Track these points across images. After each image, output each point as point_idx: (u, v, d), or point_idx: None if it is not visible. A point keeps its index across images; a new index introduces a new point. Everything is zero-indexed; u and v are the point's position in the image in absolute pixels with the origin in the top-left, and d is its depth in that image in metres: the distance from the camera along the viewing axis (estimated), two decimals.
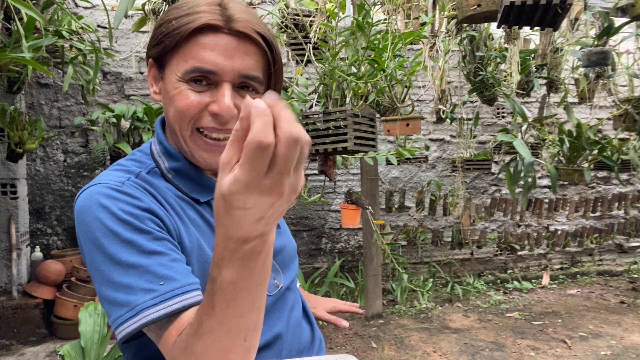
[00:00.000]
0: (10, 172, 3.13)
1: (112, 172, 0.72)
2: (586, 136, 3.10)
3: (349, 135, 1.60)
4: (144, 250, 0.62)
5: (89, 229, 0.64)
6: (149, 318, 0.59)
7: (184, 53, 0.69)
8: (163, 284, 0.61)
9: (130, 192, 0.67)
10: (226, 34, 0.68)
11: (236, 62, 0.68)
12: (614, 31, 2.74)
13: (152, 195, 0.70)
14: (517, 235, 4.38)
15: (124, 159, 0.77)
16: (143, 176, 0.72)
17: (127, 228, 0.63)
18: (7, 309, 3.00)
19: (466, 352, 2.84)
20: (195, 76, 0.68)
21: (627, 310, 3.59)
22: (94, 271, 0.64)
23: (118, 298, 0.61)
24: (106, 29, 3.39)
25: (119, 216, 0.64)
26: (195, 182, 0.76)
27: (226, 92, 0.68)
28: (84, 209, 0.66)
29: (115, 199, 0.65)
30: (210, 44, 0.68)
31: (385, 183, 4.27)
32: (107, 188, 0.66)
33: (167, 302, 0.60)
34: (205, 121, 0.69)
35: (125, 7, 1.81)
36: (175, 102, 0.69)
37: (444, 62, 2.78)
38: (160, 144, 0.77)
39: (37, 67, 1.75)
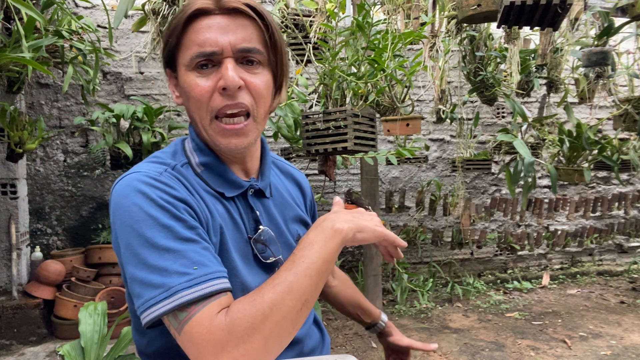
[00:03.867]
0: (10, 172, 3.13)
1: (149, 164, 0.76)
2: (586, 136, 3.10)
3: (349, 135, 1.60)
4: (180, 236, 0.66)
5: (127, 213, 0.67)
6: (184, 299, 0.62)
7: (186, 44, 0.74)
8: (197, 268, 0.64)
9: (167, 182, 0.71)
10: (218, 14, 0.73)
11: (231, 36, 0.72)
12: (614, 31, 2.74)
13: (186, 187, 0.74)
14: (517, 235, 4.38)
15: (160, 152, 0.82)
16: (178, 169, 0.77)
17: (165, 214, 0.67)
18: (7, 309, 3.00)
19: (466, 352, 2.84)
20: (200, 61, 0.73)
21: (627, 310, 3.59)
22: (128, 254, 0.67)
23: (153, 280, 0.63)
24: (106, 29, 3.39)
25: (158, 202, 0.67)
26: (222, 178, 0.80)
27: (229, 66, 0.72)
28: (123, 195, 0.69)
29: (154, 187, 0.69)
30: (205, 27, 0.72)
31: (385, 183, 4.27)
32: (146, 177, 0.70)
33: (201, 285, 0.63)
34: (217, 101, 0.73)
35: (125, 7, 1.81)
36: (190, 93, 0.74)
37: (444, 62, 2.78)
38: (192, 141, 0.81)
39: (37, 67, 1.75)
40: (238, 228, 0.79)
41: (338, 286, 1.13)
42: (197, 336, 0.61)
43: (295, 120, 2.03)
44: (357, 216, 0.74)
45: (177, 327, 0.64)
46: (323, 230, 0.70)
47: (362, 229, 0.72)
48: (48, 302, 3.11)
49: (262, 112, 0.77)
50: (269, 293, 0.63)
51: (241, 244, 0.79)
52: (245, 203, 0.82)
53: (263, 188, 0.84)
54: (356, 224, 0.72)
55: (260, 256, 0.80)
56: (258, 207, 0.83)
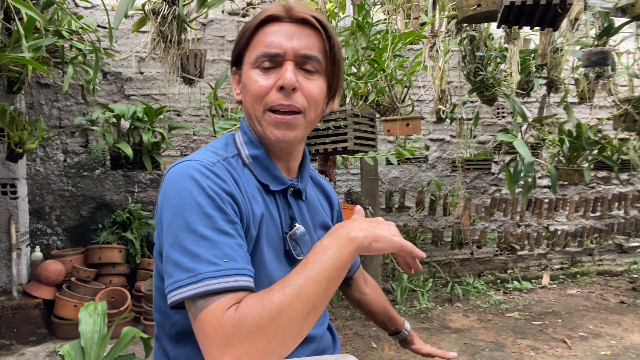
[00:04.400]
0: (10, 172, 3.13)
1: (206, 152, 0.81)
2: (586, 136, 3.10)
3: (349, 135, 1.60)
4: (219, 228, 0.69)
5: (176, 195, 0.72)
6: (208, 288, 0.65)
7: (255, 43, 0.81)
8: (227, 261, 0.67)
9: (219, 173, 0.75)
10: (287, 22, 0.80)
11: (295, 42, 0.79)
12: (614, 31, 2.74)
13: (235, 181, 0.78)
14: (517, 235, 4.38)
15: (215, 142, 0.87)
16: (229, 161, 0.81)
17: (210, 203, 0.71)
18: (7, 309, 3.00)
19: (466, 352, 2.84)
20: (264, 61, 0.79)
21: (627, 310, 3.59)
22: (169, 234, 0.70)
23: (185, 263, 0.67)
24: (106, 29, 3.39)
25: (206, 191, 0.71)
26: (268, 172, 0.84)
27: (289, 68, 0.78)
28: (176, 178, 0.74)
29: (206, 176, 0.73)
30: (274, 31, 0.80)
31: (385, 183, 4.27)
32: (201, 165, 0.75)
33: (227, 277, 0.66)
34: (273, 98, 0.78)
35: (125, 7, 1.81)
36: (249, 88, 0.80)
37: (444, 62, 2.78)
38: (245, 134, 0.87)
39: (37, 67, 1.75)
40: (274, 222, 0.83)
41: (370, 294, 1.17)
42: (207, 326, 0.63)
43: None
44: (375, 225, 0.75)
45: (194, 312, 0.66)
46: (338, 237, 0.71)
47: (379, 239, 0.73)
48: (48, 302, 3.11)
49: (312, 115, 0.82)
50: (278, 294, 0.64)
51: (275, 238, 0.82)
52: (284, 200, 0.86)
53: (302, 189, 0.89)
54: (373, 233, 0.72)
55: (293, 252, 0.83)
56: (294, 206, 0.87)
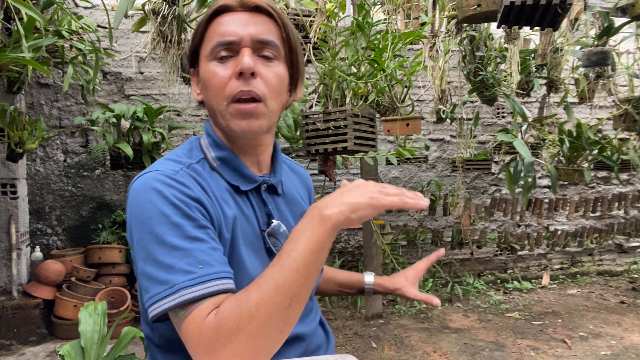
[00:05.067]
0: (10, 172, 3.13)
1: (166, 162, 0.79)
2: (586, 136, 3.10)
3: (349, 135, 1.60)
4: (189, 235, 0.68)
5: (141, 210, 0.70)
6: (185, 297, 0.64)
7: (208, 36, 0.80)
8: (202, 267, 0.66)
9: (182, 180, 0.73)
10: (240, 11, 0.79)
11: (250, 29, 0.78)
12: (614, 31, 2.74)
13: (201, 186, 0.76)
14: (517, 235, 4.38)
15: (177, 149, 0.85)
16: (193, 167, 0.79)
17: (177, 212, 0.69)
18: (7, 309, 3.00)
19: (466, 352, 2.84)
20: (220, 51, 0.78)
21: (627, 310, 3.59)
22: (140, 249, 0.69)
23: (159, 276, 0.66)
24: (106, 29, 3.39)
25: (171, 201, 0.70)
26: (237, 172, 0.83)
27: (245, 53, 0.76)
28: (139, 191, 0.72)
29: (169, 185, 0.71)
30: (227, 21, 0.79)
31: (385, 183, 4.26)
32: (163, 175, 0.73)
33: (204, 284, 0.65)
34: (233, 87, 0.77)
35: (125, 7, 1.81)
36: (209, 81, 0.79)
37: (444, 62, 2.78)
38: (209, 136, 0.85)
39: (37, 67, 1.75)
40: (250, 222, 0.81)
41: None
42: (190, 335, 0.63)
43: (295, 120, 2.03)
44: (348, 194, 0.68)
45: (177, 323, 0.65)
46: (311, 219, 0.66)
47: (356, 208, 0.66)
48: (48, 302, 3.11)
49: (274, 104, 0.80)
50: (255, 292, 0.62)
51: (253, 237, 0.80)
52: (258, 197, 0.85)
53: (275, 184, 0.87)
54: (347, 204, 0.66)
55: (274, 249, 0.82)
56: (270, 202, 0.86)
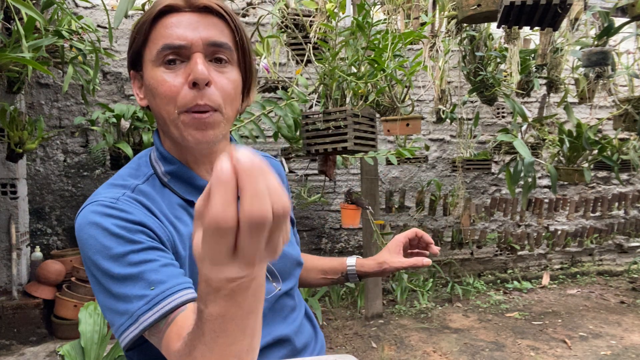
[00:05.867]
0: (10, 172, 3.13)
1: (109, 189, 0.75)
2: (586, 136, 3.10)
3: (349, 135, 1.60)
4: (135, 261, 0.65)
5: (86, 246, 0.68)
6: (146, 323, 0.62)
7: (153, 39, 0.72)
8: (154, 288, 0.64)
9: (123, 207, 0.70)
10: (188, 12, 0.72)
11: (202, 32, 0.71)
12: (614, 31, 2.74)
13: (147, 208, 0.72)
14: (517, 235, 4.38)
15: (124, 169, 0.80)
16: (140, 189, 0.75)
17: (119, 242, 0.66)
18: (7, 309, 3.00)
19: (466, 352, 2.84)
20: (167, 54, 0.71)
21: (627, 310, 3.59)
22: (95, 285, 0.68)
23: (118, 308, 0.64)
24: (106, 29, 3.39)
25: (112, 231, 0.67)
26: (190, 184, 0.78)
27: (198, 60, 0.70)
28: (81, 227, 0.69)
29: (108, 215, 0.68)
30: (175, 23, 0.71)
31: (385, 183, 4.27)
32: (102, 206, 0.70)
33: (159, 304, 0.63)
34: (187, 98, 0.71)
35: (125, 7, 1.80)
36: (157, 89, 0.72)
37: (444, 62, 2.78)
38: (157, 150, 0.80)
39: (37, 67, 1.75)
40: None
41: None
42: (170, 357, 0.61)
43: (295, 120, 2.03)
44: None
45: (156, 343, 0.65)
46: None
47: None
48: (48, 302, 3.11)
49: (229, 111, 0.75)
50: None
51: None
52: None
53: None
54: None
55: None
56: None
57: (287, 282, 0.87)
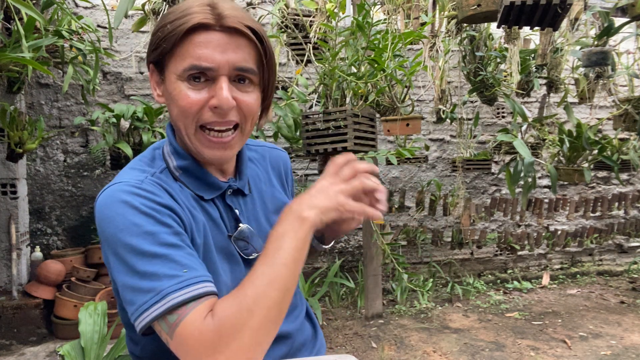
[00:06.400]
0: (10, 172, 3.13)
1: (130, 172, 0.77)
2: (586, 136, 3.10)
3: (349, 135, 1.60)
4: (166, 242, 0.67)
5: (112, 224, 0.68)
6: (174, 301, 0.63)
7: (181, 53, 0.73)
8: (186, 271, 0.65)
9: (150, 188, 0.72)
10: (218, 31, 0.72)
11: (230, 55, 0.72)
12: (614, 31, 2.74)
13: (168, 193, 0.74)
14: (517, 235, 4.38)
15: (138, 159, 0.82)
16: (157, 175, 0.77)
17: (149, 221, 0.68)
18: (7, 309, 3.00)
19: (466, 352, 2.84)
20: (193, 73, 0.72)
21: (627, 310, 3.59)
22: (118, 263, 0.67)
23: (143, 286, 0.64)
24: (106, 29, 3.39)
25: (142, 210, 0.68)
26: (201, 180, 0.80)
27: (224, 86, 0.71)
28: (107, 206, 0.70)
29: (137, 195, 0.70)
30: (203, 42, 0.71)
31: (385, 183, 4.27)
32: (128, 186, 0.71)
33: (191, 286, 0.64)
34: (206, 116, 0.73)
35: (125, 7, 1.81)
36: (177, 102, 0.73)
37: (444, 62, 2.78)
38: (170, 144, 0.82)
39: (37, 67, 1.75)
40: (219, 228, 0.80)
41: None
42: (189, 338, 0.62)
43: (295, 120, 2.03)
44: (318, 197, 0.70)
45: (169, 331, 0.64)
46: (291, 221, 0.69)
47: (326, 211, 0.69)
48: (48, 302, 3.11)
49: (248, 128, 0.78)
50: (250, 288, 0.64)
51: (223, 243, 0.80)
52: (224, 203, 0.83)
53: (241, 187, 0.85)
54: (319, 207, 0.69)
55: (243, 253, 0.81)
56: (237, 205, 0.84)
57: None
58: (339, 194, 0.71)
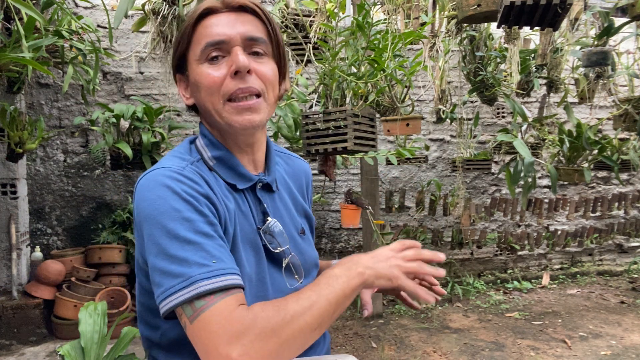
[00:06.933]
0: (10, 172, 3.13)
1: (172, 158, 0.80)
2: (586, 136, 3.10)
3: (349, 135, 1.60)
4: (201, 230, 0.69)
5: (152, 205, 0.71)
6: (202, 289, 0.65)
7: (196, 40, 0.80)
8: (215, 262, 0.68)
9: (191, 176, 0.75)
10: (225, 12, 0.80)
11: (239, 28, 0.78)
12: (614, 31, 2.74)
13: (207, 182, 0.78)
14: (517, 235, 4.38)
15: (178, 147, 0.86)
16: (196, 164, 0.80)
17: (188, 207, 0.70)
18: (7, 309, 3.00)
19: (466, 352, 2.84)
20: (210, 51, 0.78)
21: (627, 310, 3.59)
22: (150, 244, 0.70)
23: (173, 270, 0.66)
24: (106, 29, 3.39)
25: (182, 196, 0.71)
26: (234, 171, 0.83)
27: (239, 52, 0.77)
28: (148, 188, 0.73)
29: (179, 181, 0.73)
30: (214, 23, 0.79)
31: (385, 183, 4.27)
32: (171, 171, 0.74)
33: (220, 277, 0.66)
34: (230, 86, 0.77)
35: (125, 7, 1.81)
36: (201, 84, 0.79)
37: (444, 62, 2.78)
38: (204, 137, 0.85)
39: (37, 67, 1.75)
40: (247, 219, 0.83)
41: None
42: (214, 324, 0.63)
43: (295, 120, 2.03)
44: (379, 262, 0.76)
45: (192, 315, 0.65)
46: (349, 269, 0.73)
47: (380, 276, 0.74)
48: (48, 302, 3.11)
49: (271, 96, 0.82)
50: (293, 304, 0.66)
51: (250, 235, 0.82)
52: (254, 196, 0.86)
53: (270, 182, 0.88)
54: (376, 272, 0.74)
55: (270, 246, 0.83)
56: (265, 200, 0.87)
57: (305, 279, 0.90)
58: (395, 267, 0.75)
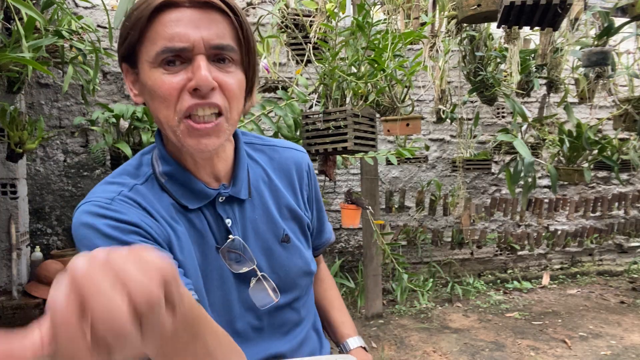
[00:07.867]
0: (10, 172, 3.13)
1: (106, 186, 0.74)
2: (586, 136, 3.10)
3: (349, 135, 1.60)
4: None
5: (81, 247, 0.68)
6: None
7: (151, 37, 0.66)
8: None
9: (115, 208, 0.69)
10: (187, 7, 0.66)
11: (203, 32, 0.65)
12: (614, 31, 2.74)
13: (143, 207, 0.72)
14: (517, 235, 4.38)
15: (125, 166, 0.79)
16: (137, 189, 0.73)
17: (111, 243, 0.66)
18: (7, 309, 3.00)
19: (466, 352, 2.84)
20: (167, 57, 0.65)
21: (627, 310, 3.59)
22: None
23: None
24: (106, 29, 3.39)
25: (104, 232, 0.67)
26: (186, 188, 0.75)
27: (201, 64, 0.65)
28: (75, 227, 0.70)
29: (100, 215, 0.68)
30: (174, 20, 0.65)
31: (385, 183, 4.27)
32: (95, 206, 0.70)
33: None
34: (187, 101, 0.66)
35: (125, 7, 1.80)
36: (155, 92, 0.67)
37: (444, 62, 2.78)
38: (157, 148, 0.78)
39: (37, 67, 1.75)
40: (206, 239, 0.75)
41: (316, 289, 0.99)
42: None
43: (295, 120, 2.03)
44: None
45: None
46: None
47: None
48: None
49: (234, 114, 0.70)
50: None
51: (211, 256, 0.75)
52: (214, 212, 0.77)
53: (234, 194, 0.78)
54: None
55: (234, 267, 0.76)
56: (230, 214, 0.77)
57: (289, 293, 0.83)
58: None
